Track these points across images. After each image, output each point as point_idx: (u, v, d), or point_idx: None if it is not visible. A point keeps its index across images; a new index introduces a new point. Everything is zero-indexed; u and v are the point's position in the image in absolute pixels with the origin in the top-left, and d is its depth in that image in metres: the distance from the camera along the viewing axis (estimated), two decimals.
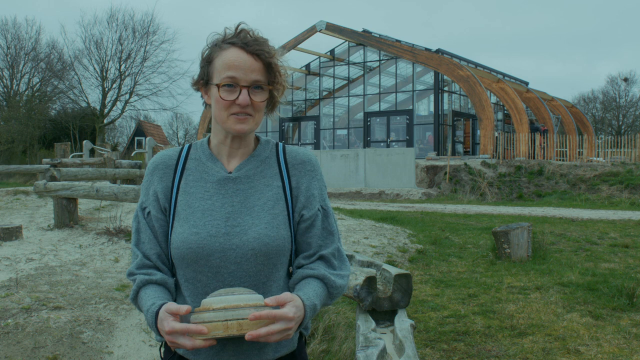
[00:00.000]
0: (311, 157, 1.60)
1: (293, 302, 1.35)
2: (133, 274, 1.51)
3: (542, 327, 4.62)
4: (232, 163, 1.55)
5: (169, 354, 1.54)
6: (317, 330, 4.10)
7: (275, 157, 1.58)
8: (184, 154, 1.58)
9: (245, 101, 1.44)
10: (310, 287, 1.46)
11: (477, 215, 12.75)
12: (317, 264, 1.52)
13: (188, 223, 1.48)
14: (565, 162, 22.32)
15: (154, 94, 39.60)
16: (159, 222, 1.53)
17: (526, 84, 35.26)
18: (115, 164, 15.27)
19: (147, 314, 1.41)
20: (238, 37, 1.47)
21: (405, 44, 28.08)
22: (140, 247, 1.52)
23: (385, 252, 7.67)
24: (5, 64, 37.15)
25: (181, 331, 1.30)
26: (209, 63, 1.50)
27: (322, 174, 1.61)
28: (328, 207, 1.59)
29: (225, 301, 1.30)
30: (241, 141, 1.54)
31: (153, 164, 1.58)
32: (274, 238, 1.47)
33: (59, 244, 7.09)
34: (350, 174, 21.08)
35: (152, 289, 1.46)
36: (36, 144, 35.22)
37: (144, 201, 1.56)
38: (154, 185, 1.55)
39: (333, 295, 1.52)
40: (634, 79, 48.77)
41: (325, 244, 1.54)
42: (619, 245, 8.35)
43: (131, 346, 4.01)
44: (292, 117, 32.10)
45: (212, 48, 1.50)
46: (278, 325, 1.30)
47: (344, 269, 1.56)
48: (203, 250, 1.45)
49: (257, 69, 1.46)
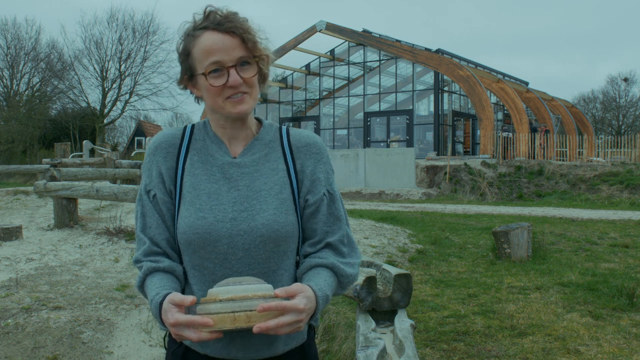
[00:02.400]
0: (316, 140, 1.54)
1: (304, 293, 1.29)
2: (140, 260, 1.45)
3: (542, 327, 4.62)
4: (235, 146, 1.50)
5: (173, 345, 1.49)
6: (317, 330, 4.10)
7: (279, 140, 1.52)
8: (187, 133, 1.52)
9: (236, 81, 1.39)
10: (321, 277, 1.40)
11: (477, 215, 12.75)
12: (326, 252, 1.47)
13: (194, 206, 1.42)
14: (565, 162, 22.33)
15: (154, 94, 39.65)
16: (166, 205, 1.46)
17: (526, 84, 35.25)
18: (115, 164, 15.27)
19: (151, 304, 1.36)
20: (208, 19, 1.42)
21: (405, 44, 28.08)
22: (147, 233, 1.46)
23: (385, 252, 7.67)
24: (5, 64, 37.19)
25: (186, 323, 1.24)
26: (187, 56, 1.44)
27: (328, 157, 1.55)
28: (335, 191, 1.52)
29: (232, 291, 1.24)
30: (242, 123, 1.49)
31: (155, 143, 1.50)
32: (283, 224, 1.42)
33: (59, 244, 7.09)
34: (350, 174, 21.08)
35: (158, 277, 1.41)
36: (36, 144, 35.22)
37: (147, 183, 1.49)
38: (158, 164, 1.48)
39: (344, 284, 1.46)
40: (634, 79, 48.81)
41: (332, 230, 1.49)
42: (619, 245, 8.35)
43: (131, 346, 4.01)
44: (292, 117, 32.09)
45: (186, 39, 1.44)
46: (288, 317, 1.24)
47: (354, 256, 1.50)
48: (210, 235, 1.40)
49: (236, 45, 1.39)
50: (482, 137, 24.81)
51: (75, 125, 36.40)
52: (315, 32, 29.07)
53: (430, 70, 27.53)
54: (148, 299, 1.40)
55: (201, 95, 1.47)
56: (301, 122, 32.06)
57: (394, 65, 29.12)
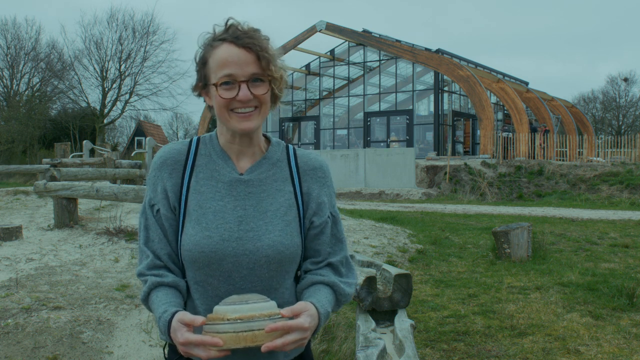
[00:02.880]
0: (322, 164, 1.58)
1: (308, 312, 1.34)
2: (144, 274, 1.48)
3: (542, 327, 4.62)
4: (243, 163, 1.51)
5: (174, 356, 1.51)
6: (315, 336, 4.10)
7: (287, 160, 1.55)
8: (193, 148, 1.52)
9: (246, 96, 1.41)
10: (322, 294, 1.45)
11: (477, 215, 12.75)
12: (326, 271, 1.52)
13: (200, 225, 1.44)
14: (565, 162, 22.33)
15: (154, 94, 39.64)
16: (169, 222, 1.48)
17: (526, 84, 35.26)
18: (115, 164, 15.26)
19: (159, 321, 1.40)
20: (228, 32, 1.44)
21: (405, 44, 28.09)
22: (150, 246, 1.49)
23: (385, 252, 7.67)
24: (5, 64, 37.19)
25: (196, 343, 1.29)
26: (204, 64, 1.46)
27: (332, 179, 1.59)
28: (337, 214, 1.58)
29: (239, 311, 1.29)
30: (250, 139, 1.50)
31: (161, 159, 1.52)
32: (288, 246, 1.46)
33: (59, 244, 7.09)
34: (350, 174, 21.08)
35: (163, 292, 1.44)
36: (36, 144, 35.23)
37: (152, 197, 1.51)
38: (163, 181, 1.50)
39: (341, 302, 1.52)
40: (634, 79, 48.82)
41: (335, 251, 1.54)
42: (619, 245, 8.35)
43: (131, 346, 4.01)
44: (292, 117, 32.10)
45: (205, 48, 1.46)
46: (293, 335, 1.30)
47: (351, 277, 1.57)
48: (215, 254, 1.42)
49: (251, 61, 1.41)
50: (482, 137, 24.82)
51: (75, 125, 36.41)
52: (315, 32, 29.08)
53: (430, 70, 27.54)
54: (155, 314, 1.43)
55: (212, 104, 1.48)
56: (301, 122, 32.08)
57: (394, 65, 29.13)
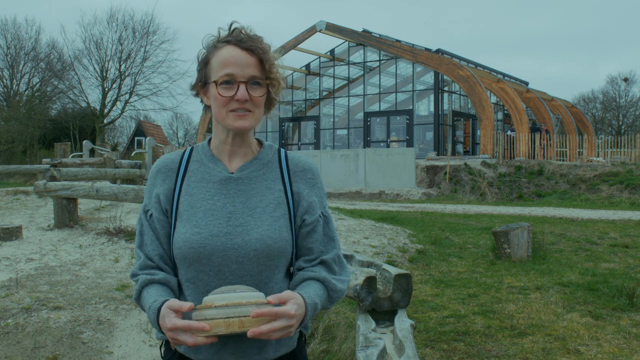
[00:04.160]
0: (312, 166, 1.64)
1: (294, 300, 1.37)
2: (136, 274, 1.54)
3: (542, 327, 4.62)
4: (234, 163, 1.57)
5: (169, 353, 1.55)
6: (317, 330, 4.10)
7: (278, 161, 1.61)
8: (186, 156, 1.61)
9: (243, 96, 1.47)
10: (312, 288, 1.49)
11: (477, 215, 12.75)
12: (318, 268, 1.55)
13: (190, 223, 1.50)
14: (565, 162, 22.33)
15: (154, 94, 39.66)
16: (161, 224, 1.55)
17: (526, 84, 35.26)
18: (115, 164, 15.26)
19: (149, 311, 1.43)
20: (232, 35, 1.51)
21: (405, 44, 28.08)
22: (143, 249, 1.55)
23: (385, 252, 7.67)
24: (5, 64, 37.20)
25: (183, 328, 1.31)
26: (206, 64, 1.53)
27: (322, 181, 1.66)
28: (329, 214, 1.63)
29: (227, 298, 1.31)
30: (242, 140, 1.56)
31: (156, 168, 1.61)
32: (276, 240, 1.50)
33: (59, 244, 7.09)
34: (350, 174, 21.08)
35: (154, 288, 1.49)
36: (36, 144, 35.23)
37: (146, 204, 1.59)
38: (157, 187, 1.58)
39: (333, 298, 1.55)
40: (634, 79, 48.82)
41: (327, 249, 1.58)
42: (619, 245, 8.35)
43: (131, 346, 4.01)
44: (292, 117, 32.10)
45: (208, 49, 1.53)
46: (280, 322, 1.32)
47: (344, 274, 1.60)
48: (205, 249, 1.47)
49: (252, 64, 1.48)
50: (482, 137, 24.81)
51: (75, 125, 36.41)
52: (315, 32, 29.08)
53: (430, 70, 27.54)
54: (145, 308, 1.47)
55: (210, 104, 1.54)
56: (301, 122, 32.08)
57: (394, 65, 29.13)
